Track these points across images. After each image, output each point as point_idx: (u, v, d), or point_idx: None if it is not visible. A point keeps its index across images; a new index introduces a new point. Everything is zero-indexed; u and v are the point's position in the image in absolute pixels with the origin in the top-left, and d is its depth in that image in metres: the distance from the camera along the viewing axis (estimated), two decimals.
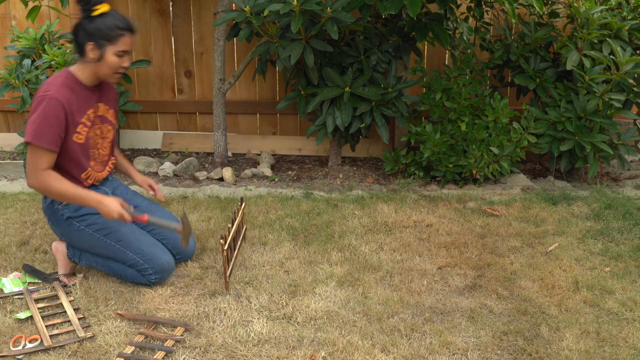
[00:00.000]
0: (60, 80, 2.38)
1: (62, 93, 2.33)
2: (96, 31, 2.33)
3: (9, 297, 2.44)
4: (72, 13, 4.47)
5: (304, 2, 3.28)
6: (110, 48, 2.35)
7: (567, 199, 3.52)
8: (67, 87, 2.37)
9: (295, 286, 2.54)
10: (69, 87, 2.38)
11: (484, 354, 2.11)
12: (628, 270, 2.69)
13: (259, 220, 3.22)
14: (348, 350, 2.11)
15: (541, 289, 2.54)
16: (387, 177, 4.03)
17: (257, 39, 4.04)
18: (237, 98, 4.62)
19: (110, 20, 2.34)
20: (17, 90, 3.95)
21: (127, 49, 2.39)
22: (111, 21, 2.34)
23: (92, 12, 2.33)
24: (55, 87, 2.34)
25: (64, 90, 2.35)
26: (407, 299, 2.45)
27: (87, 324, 2.25)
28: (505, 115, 3.77)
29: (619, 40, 3.70)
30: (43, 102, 2.30)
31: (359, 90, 3.75)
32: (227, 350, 2.10)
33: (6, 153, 4.44)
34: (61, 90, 2.34)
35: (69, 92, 2.37)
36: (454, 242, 2.97)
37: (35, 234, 3.03)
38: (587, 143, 3.66)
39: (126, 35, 2.36)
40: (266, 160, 4.28)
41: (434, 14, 3.70)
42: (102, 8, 2.33)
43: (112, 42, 2.34)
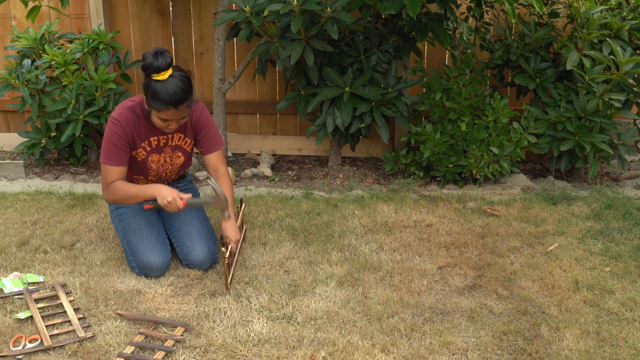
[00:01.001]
0: (130, 104, 2.57)
1: (123, 115, 2.53)
2: (147, 92, 2.44)
3: (9, 297, 2.44)
4: (72, 13, 4.48)
5: (304, 2, 3.28)
6: (154, 112, 2.47)
7: (567, 199, 3.52)
8: (132, 111, 2.55)
9: (295, 286, 2.54)
10: (134, 112, 2.55)
11: (484, 354, 2.11)
12: (628, 270, 2.69)
13: (259, 220, 3.22)
14: (348, 350, 2.11)
15: (541, 289, 2.54)
16: (387, 177, 4.03)
17: (257, 39, 4.04)
18: (237, 98, 4.62)
19: (159, 90, 2.38)
20: (17, 90, 3.95)
21: (168, 119, 2.47)
22: (159, 93, 2.38)
23: (151, 76, 2.41)
24: (121, 110, 2.55)
25: (127, 113, 2.54)
26: (407, 299, 2.45)
27: (87, 324, 2.25)
28: (505, 115, 3.77)
29: (619, 40, 3.69)
30: (108, 124, 2.54)
31: (359, 90, 3.75)
32: (227, 350, 2.10)
33: (6, 153, 4.44)
34: (124, 113, 2.53)
35: (133, 115, 2.54)
36: (454, 242, 2.97)
37: (35, 234, 3.03)
38: (587, 143, 3.66)
39: (169, 110, 2.42)
40: (266, 160, 4.28)
41: (434, 14, 3.70)
42: (158, 77, 2.39)
43: (156, 110, 2.44)
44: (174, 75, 2.40)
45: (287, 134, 4.67)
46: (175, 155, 2.72)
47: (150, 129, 2.60)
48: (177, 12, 4.47)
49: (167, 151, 2.68)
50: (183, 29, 4.49)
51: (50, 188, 3.73)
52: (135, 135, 2.57)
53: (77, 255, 2.80)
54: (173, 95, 2.38)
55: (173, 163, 2.74)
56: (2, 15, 4.57)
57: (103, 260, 2.76)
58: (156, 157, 2.67)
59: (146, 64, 2.37)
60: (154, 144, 2.63)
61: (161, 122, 2.48)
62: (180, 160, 2.75)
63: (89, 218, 3.22)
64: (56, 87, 3.97)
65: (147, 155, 2.65)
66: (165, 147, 2.67)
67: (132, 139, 2.57)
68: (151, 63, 2.36)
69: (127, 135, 2.54)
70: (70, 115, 3.85)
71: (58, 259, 2.76)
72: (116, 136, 2.52)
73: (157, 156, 2.67)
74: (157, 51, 2.38)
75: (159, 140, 2.64)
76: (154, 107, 2.43)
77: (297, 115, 4.55)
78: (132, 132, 2.55)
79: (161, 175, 2.76)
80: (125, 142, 2.54)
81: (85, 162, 4.28)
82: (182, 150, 2.73)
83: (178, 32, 4.51)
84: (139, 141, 2.59)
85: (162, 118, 2.46)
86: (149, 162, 2.67)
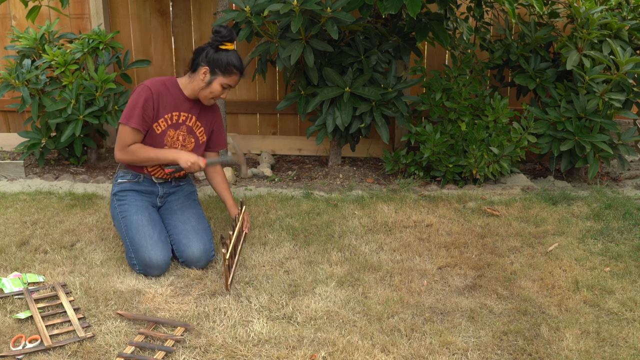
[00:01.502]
0: (161, 78, 2.78)
1: (154, 84, 2.72)
2: (217, 61, 2.70)
3: (9, 297, 2.44)
4: (72, 13, 4.48)
5: (304, 2, 3.28)
6: (220, 78, 2.72)
7: (567, 199, 3.52)
8: (162, 84, 2.75)
9: (295, 286, 2.54)
10: (165, 86, 2.75)
11: (484, 354, 2.11)
12: (628, 270, 2.69)
13: (259, 220, 3.22)
14: (348, 350, 2.11)
15: (541, 289, 2.54)
16: (387, 177, 4.03)
17: (257, 39, 4.04)
18: (237, 98, 4.62)
19: (231, 57, 2.71)
20: (17, 90, 3.95)
21: (232, 85, 2.76)
22: (232, 59, 2.70)
23: (221, 44, 2.70)
24: (152, 80, 2.74)
25: (158, 84, 2.74)
26: (407, 299, 2.45)
27: (87, 324, 2.25)
28: (505, 115, 3.77)
29: (619, 40, 3.70)
30: (139, 89, 2.70)
31: (359, 90, 3.75)
32: (227, 350, 2.10)
33: (6, 153, 4.44)
34: (155, 83, 2.73)
35: (163, 88, 2.74)
36: (454, 242, 2.97)
37: (35, 234, 3.03)
38: (587, 143, 3.66)
39: (237, 74, 2.74)
40: (266, 160, 4.28)
41: (434, 14, 3.70)
42: (229, 46, 2.72)
43: (225, 75, 2.72)
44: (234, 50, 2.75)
45: (287, 134, 4.67)
46: (189, 138, 2.83)
47: (176, 104, 2.77)
48: (177, 12, 4.47)
49: (182, 129, 2.80)
50: (183, 29, 4.49)
51: (50, 188, 3.73)
52: (160, 106, 2.73)
53: (77, 255, 2.80)
54: (242, 62, 2.75)
55: (184, 143, 2.83)
56: (2, 15, 4.57)
57: (103, 260, 2.76)
58: (172, 133, 2.78)
59: (223, 34, 2.68)
60: (175, 118, 2.77)
61: (221, 89, 2.73)
62: (191, 145, 2.85)
63: (89, 218, 3.22)
64: (56, 87, 3.97)
65: (166, 129, 2.76)
66: (182, 125, 2.80)
67: (157, 108, 2.71)
68: (229, 33, 2.69)
69: (154, 102, 2.70)
70: (70, 115, 3.85)
71: (58, 259, 2.76)
72: (143, 101, 2.67)
73: (173, 132, 2.78)
74: (226, 26, 2.72)
75: (180, 116, 2.78)
76: (225, 72, 2.70)
77: (297, 115, 4.55)
78: (159, 102, 2.72)
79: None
80: (150, 107, 2.69)
81: (85, 162, 4.28)
82: (195, 136, 2.85)
83: (178, 32, 4.51)
84: (163, 112, 2.74)
85: (226, 84, 2.73)
86: (166, 136, 2.77)
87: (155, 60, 4.56)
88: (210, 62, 2.70)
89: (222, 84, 2.72)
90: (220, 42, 2.68)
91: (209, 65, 2.70)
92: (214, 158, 2.85)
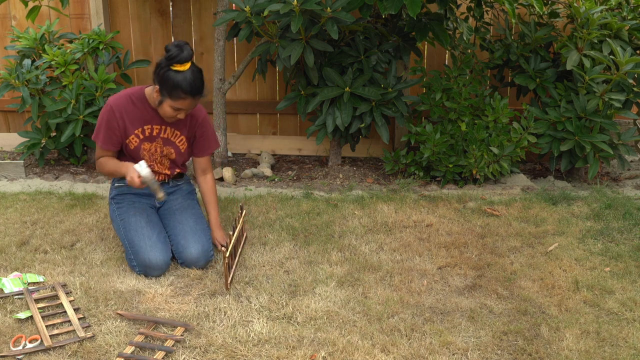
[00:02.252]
0: (128, 92, 2.69)
1: (118, 101, 2.65)
2: (164, 82, 2.52)
3: (9, 297, 2.44)
4: (72, 13, 4.48)
5: (304, 2, 3.28)
6: (168, 101, 2.55)
7: (567, 199, 3.52)
8: (128, 98, 2.67)
9: (295, 286, 2.54)
10: (131, 100, 2.67)
11: (484, 354, 2.11)
12: (628, 270, 2.69)
13: (259, 220, 3.22)
14: (348, 350, 2.11)
15: (541, 289, 2.54)
16: (387, 177, 4.03)
17: (257, 39, 4.04)
18: (237, 98, 4.62)
19: (179, 79, 2.49)
20: (17, 90, 3.95)
21: (182, 108, 2.57)
22: (179, 81, 2.49)
23: (172, 65, 2.50)
24: (117, 96, 2.67)
25: (123, 99, 2.66)
26: (407, 299, 2.45)
27: (87, 324, 2.25)
28: (505, 115, 3.77)
29: (619, 40, 3.69)
30: (104, 107, 2.67)
31: (359, 90, 3.75)
32: (227, 350, 2.10)
33: (6, 153, 4.44)
34: (120, 99, 2.66)
35: (129, 103, 2.66)
36: (454, 242, 2.97)
37: (35, 234, 3.03)
38: (587, 143, 3.66)
39: (186, 99, 2.54)
40: (266, 160, 4.28)
41: (434, 14, 3.70)
42: (180, 67, 2.49)
43: (172, 98, 2.54)
44: (192, 67, 2.53)
45: (287, 134, 4.67)
46: (167, 149, 2.78)
47: (145, 118, 2.69)
48: (177, 12, 4.47)
49: (159, 142, 2.75)
50: (183, 29, 4.49)
51: (50, 188, 3.73)
52: (127, 123, 2.66)
53: (77, 255, 2.80)
54: (193, 85, 2.51)
55: (163, 154, 2.79)
56: (2, 15, 4.57)
57: (103, 260, 2.76)
58: (148, 145, 2.73)
59: (171, 54, 2.47)
60: (147, 132, 2.71)
61: (173, 111, 2.58)
62: (172, 155, 2.80)
63: (89, 218, 3.22)
64: (56, 87, 3.97)
65: (140, 143, 2.71)
66: (158, 138, 2.74)
67: (123, 126, 2.66)
68: (177, 54, 2.47)
69: (118, 121, 2.64)
70: (70, 115, 3.85)
71: (58, 259, 2.76)
72: (106, 122, 2.64)
73: (149, 144, 2.73)
74: (178, 44, 2.49)
75: (152, 129, 2.71)
76: (172, 96, 2.52)
77: (297, 115, 4.55)
78: (124, 119, 2.65)
79: (153, 167, 2.79)
80: (114, 127, 2.65)
81: (85, 162, 4.28)
82: (174, 147, 2.79)
83: (178, 32, 4.51)
84: (132, 128, 2.67)
85: (176, 107, 2.56)
86: (141, 150, 2.73)
87: (155, 60, 4.56)
88: (159, 81, 2.54)
89: (171, 106, 2.56)
90: (171, 62, 2.48)
91: (159, 85, 2.55)
92: (147, 177, 2.56)
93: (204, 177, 2.90)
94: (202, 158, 2.89)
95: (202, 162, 2.89)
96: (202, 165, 2.90)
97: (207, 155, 2.89)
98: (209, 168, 2.92)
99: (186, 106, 2.57)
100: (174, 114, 2.60)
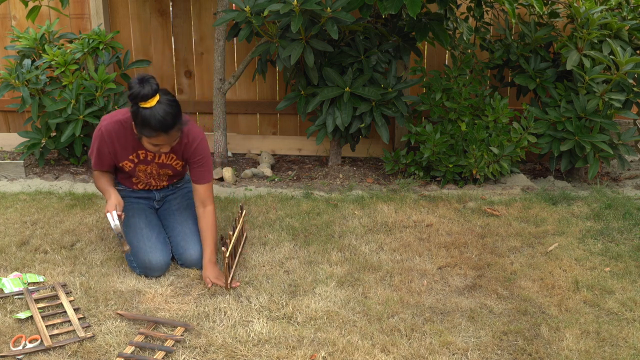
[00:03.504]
0: (120, 117, 2.55)
1: (109, 128, 2.54)
2: (135, 119, 2.39)
3: (9, 297, 2.44)
4: (72, 13, 4.48)
5: (304, 2, 3.28)
6: (144, 138, 2.43)
7: (567, 199, 3.52)
8: (120, 125, 2.54)
9: (295, 286, 2.54)
10: (122, 126, 2.54)
11: (484, 354, 2.11)
12: (628, 270, 2.69)
13: (259, 220, 3.22)
14: (348, 350, 2.11)
15: (541, 289, 2.54)
16: (387, 177, 4.03)
17: (257, 39, 4.04)
18: (237, 98, 4.61)
19: (148, 117, 2.33)
20: (17, 90, 3.95)
21: (159, 144, 2.44)
22: (148, 119, 2.33)
23: (138, 104, 2.35)
24: (109, 120, 2.55)
25: (115, 126, 2.54)
26: (407, 299, 2.45)
27: (87, 324, 2.25)
28: (505, 115, 3.77)
29: (619, 40, 3.69)
30: (96, 130, 2.57)
31: (359, 90, 3.75)
32: (227, 350, 2.10)
33: (6, 153, 4.44)
34: (111, 125, 2.54)
35: (120, 129, 2.54)
36: (454, 242, 2.97)
37: (35, 234, 3.03)
38: (587, 143, 3.66)
39: (160, 136, 2.38)
40: (266, 160, 4.28)
41: (434, 14, 3.70)
42: (145, 104, 2.34)
43: (145, 135, 2.40)
44: (161, 100, 2.35)
45: (287, 134, 4.67)
46: (164, 170, 2.74)
47: (136, 144, 2.58)
48: (177, 12, 4.47)
49: (154, 165, 2.69)
50: (183, 29, 4.49)
51: (50, 188, 3.73)
52: (118, 149, 2.58)
53: (77, 255, 2.80)
54: (162, 122, 2.33)
55: (160, 173, 2.75)
56: (2, 15, 4.57)
57: (103, 260, 2.76)
58: (143, 167, 2.69)
59: (133, 93, 2.31)
60: (142, 156, 2.63)
61: (153, 146, 2.45)
62: (169, 173, 2.77)
63: (89, 218, 3.22)
64: (56, 87, 3.96)
65: (135, 166, 2.67)
66: (152, 162, 2.67)
67: (114, 153, 2.59)
68: (138, 92, 2.31)
69: (109, 148, 2.57)
70: (70, 115, 3.85)
71: (58, 259, 2.76)
72: (97, 147, 2.59)
73: (144, 166, 2.69)
74: (142, 78, 2.34)
75: (147, 154, 2.63)
76: (144, 134, 2.39)
77: (297, 115, 4.55)
78: (115, 145, 2.57)
79: (151, 183, 2.80)
80: (106, 153, 2.59)
81: (85, 162, 4.27)
82: (171, 168, 2.74)
83: (178, 32, 4.51)
84: (125, 153, 2.60)
85: (154, 143, 2.43)
86: (137, 171, 2.70)
87: (155, 60, 4.56)
88: (132, 117, 2.41)
89: (149, 142, 2.43)
90: (137, 101, 2.34)
91: (133, 121, 2.42)
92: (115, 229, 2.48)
93: (203, 210, 2.67)
94: (200, 186, 2.66)
95: (200, 191, 2.66)
96: (201, 196, 2.66)
97: (204, 184, 2.66)
98: (208, 199, 2.67)
99: (163, 141, 2.41)
100: (155, 149, 2.47)
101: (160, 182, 2.81)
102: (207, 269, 2.58)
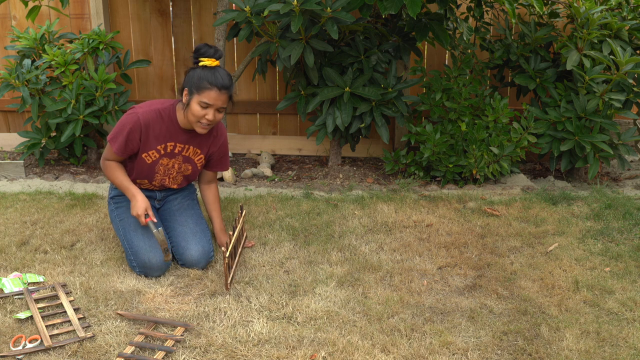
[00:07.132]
0: (158, 106, 2.63)
1: (147, 116, 2.59)
2: (191, 79, 2.52)
3: (9, 297, 2.44)
4: (72, 13, 4.48)
5: (304, 2, 3.28)
6: (196, 96, 2.50)
7: (567, 199, 3.52)
8: (158, 114, 2.61)
9: (295, 286, 2.54)
10: (160, 115, 2.62)
11: (484, 354, 2.11)
12: (628, 270, 2.69)
13: (259, 220, 3.22)
14: (348, 350, 2.11)
15: (541, 289, 2.54)
16: (387, 177, 4.03)
17: (257, 39, 4.04)
18: (237, 98, 4.61)
19: (206, 73, 2.49)
20: (17, 90, 3.95)
21: (209, 102, 2.50)
22: (206, 74, 2.49)
23: (198, 62, 2.52)
24: (147, 108, 2.60)
25: (152, 114, 2.60)
26: (407, 299, 2.45)
27: (87, 324, 2.25)
28: (505, 115, 3.77)
29: (619, 40, 3.70)
30: (129, 114, 2.59)
31: (359, 90, 3.75)
32: (227, 350, 2.10)
33: (6, 153, 4.44)
34: (149, 113, 2.60)
35: (157, 119, 2.61)
36: (454, 242, 2.97)
37: (35, 234, 3.03)
38: (587, 143, 3.66)
39: (213, 90, 2.49)
40: (266, 160, 4.28)
41: (434, 14, 3.70)
42: (207, 62, 2.51)
43: (199, 92, 2.49)
44: (221, 67, 2.56)
45: (287, 134, 4.67)
46: (185, 165, 2.76)
47: (171, 134, 2.65)
48: (177, 12, 4.47)
49: (178, 159, 2.73)
50: (183, 29, 4.49)
51: (50, 188, 3.73)
52: (151, 138, 2.62)
53: (77, 255, 2.80)
54: (220, 78, 2.50)
55: (180, 170, 2.77)
56: (2, 15, 4.57)
57: (103, 260, 2.76)
58: (166, 161, 2.71)
59: (200, 49, 2.52)
60: (169, 148, 2.67)
61: (201, 109, 2.51)
62: (188, 171, 2.79)
63: (89, 218, 3.22)
64: (56, 87, 3.97)
65: (159, 159, 2.68)
66: (179, 155, 2.71)
67: (145, 140, 2.61)
68: (205, 50, 2.52)
69: (141, 134, 2.60)
70: (70, 115, 3.85)
71: (58, 259, 2.76)
72: (128, 131, 2.58)
73: (167, 160, 2.70)
74: (210, 45, 2.56)
75: (175, 147, 2.68)
76: (199, 88, 2.48)
77: (297, 115, 4.55)
78: (148, 134, 2.61)
79: (164, 182, 2.79)
80: (136, 139, 2.60)
81: (85, 162, 4.28)
82: (192, 164, 2.77)
83: (178, 32, 4.51)
84: (155, 143, 2.63)
85: (204, 102, 2.49)
86: (158, 164, 2.70)
87: (156, 60, 4.56)
88: (187, 80, 2.55)
89: (199, 103, 2.50)
90: (196, 59, 2.53)
91: (187, 85, 2.55)
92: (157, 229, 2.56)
93: (209, 186, 2.92)
94: (211, 172, 2.91)
95: (210, 174, 2.92)
96: (209, 177, 2.92)
97: (216, 172, 2.93)
98: (214, 179, 2.94)
99: (213, 100, 2.49)
100: (202, 114, 2.51)
101: (175, 182, 2.81)
102: (220, 237, 2.87)
